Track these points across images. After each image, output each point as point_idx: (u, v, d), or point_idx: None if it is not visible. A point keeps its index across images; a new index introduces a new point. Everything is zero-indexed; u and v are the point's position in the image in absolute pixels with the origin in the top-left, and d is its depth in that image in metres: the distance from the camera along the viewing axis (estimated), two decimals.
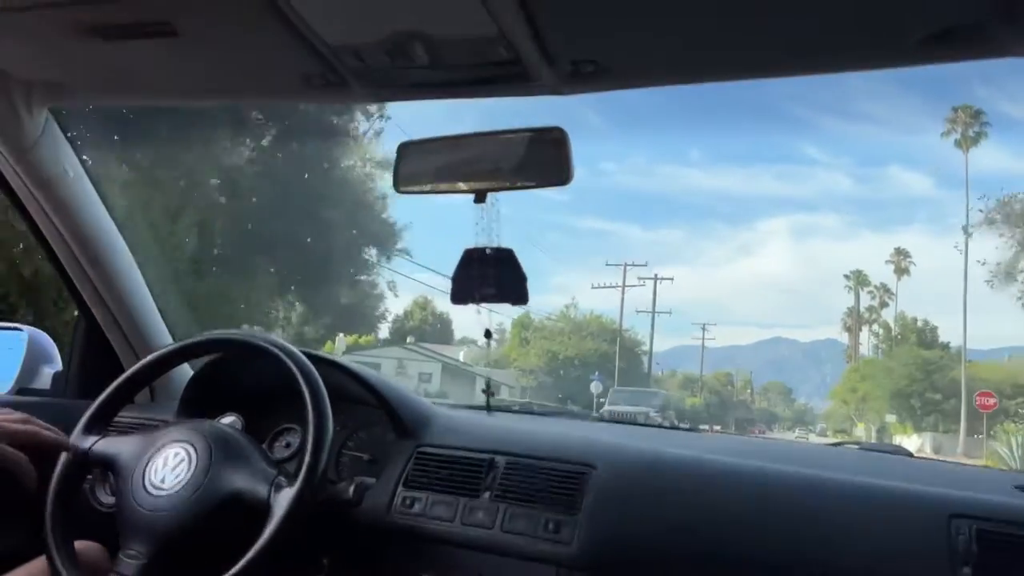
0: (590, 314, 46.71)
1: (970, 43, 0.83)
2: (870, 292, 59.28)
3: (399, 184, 1.06)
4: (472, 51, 0.91)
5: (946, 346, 44.18)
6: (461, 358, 43.11)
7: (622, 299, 42.78)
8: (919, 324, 48.95)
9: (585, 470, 1.26)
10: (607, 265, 45.25)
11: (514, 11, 0.83)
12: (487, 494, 1.29)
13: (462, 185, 1.04)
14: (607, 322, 44.19)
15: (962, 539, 1.06)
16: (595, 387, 32.03)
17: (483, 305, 1.01)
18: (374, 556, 1.33)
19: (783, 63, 0.94)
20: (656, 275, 43.52)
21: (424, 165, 1.06)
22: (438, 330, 50.54)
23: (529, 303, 1.03)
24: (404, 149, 1.06)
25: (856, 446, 1.74)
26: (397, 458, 1.40)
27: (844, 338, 61.50)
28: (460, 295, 1.01)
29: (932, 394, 38.67)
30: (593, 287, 42.80)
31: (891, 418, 40.83)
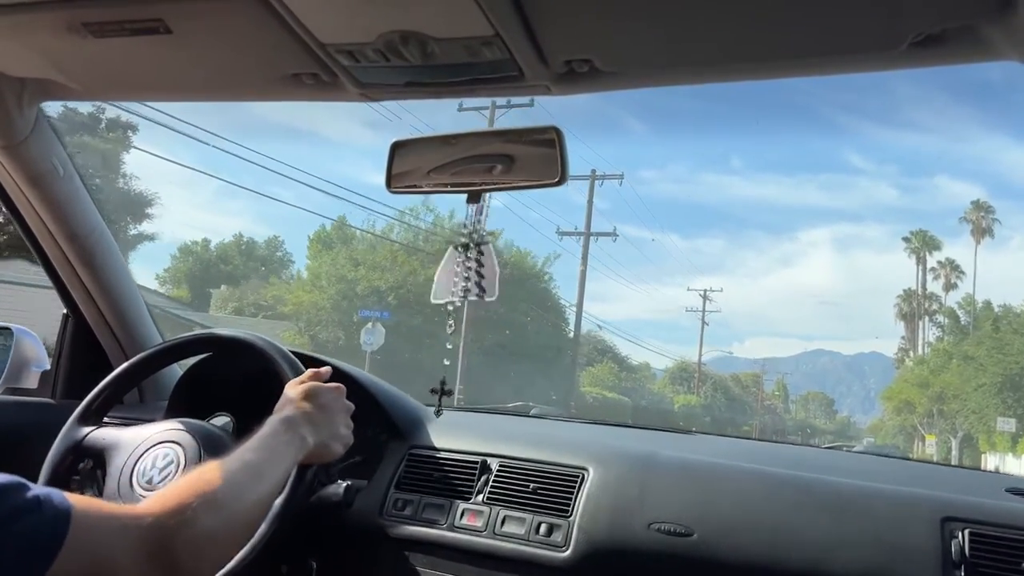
0: (448, 216, 24.51)
1: (961, 46, 0.83)
2: (932, 271, 44.94)
3: (391, 183, 1.05)
4: (466, 50, 0.91)
5: None
6: (211, 305, 29.56)
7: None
8: (996, 310, 31.75)
9: (578, 472, 1.26)
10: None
11: (509, 10, 0.82)
12: (480, 496, 1.28)
13: (455, 185, 1.03)
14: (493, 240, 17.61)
15: (955, 542, 1.06)
16: (368, 337, 17.77)
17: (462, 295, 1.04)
18: (364, 559, 1.32)
19: (776, 65, 0.94)
20: (594, 170, 25.94)
21: (416, 164, 1.06)
22: None
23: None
24: (396, 148, 1.06)
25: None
26: (389, 459, 1.39)
27: (890, 349, 47.83)
28: (441, 291, 1.03)
29: None
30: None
31: (1007, 425, 23.98)
